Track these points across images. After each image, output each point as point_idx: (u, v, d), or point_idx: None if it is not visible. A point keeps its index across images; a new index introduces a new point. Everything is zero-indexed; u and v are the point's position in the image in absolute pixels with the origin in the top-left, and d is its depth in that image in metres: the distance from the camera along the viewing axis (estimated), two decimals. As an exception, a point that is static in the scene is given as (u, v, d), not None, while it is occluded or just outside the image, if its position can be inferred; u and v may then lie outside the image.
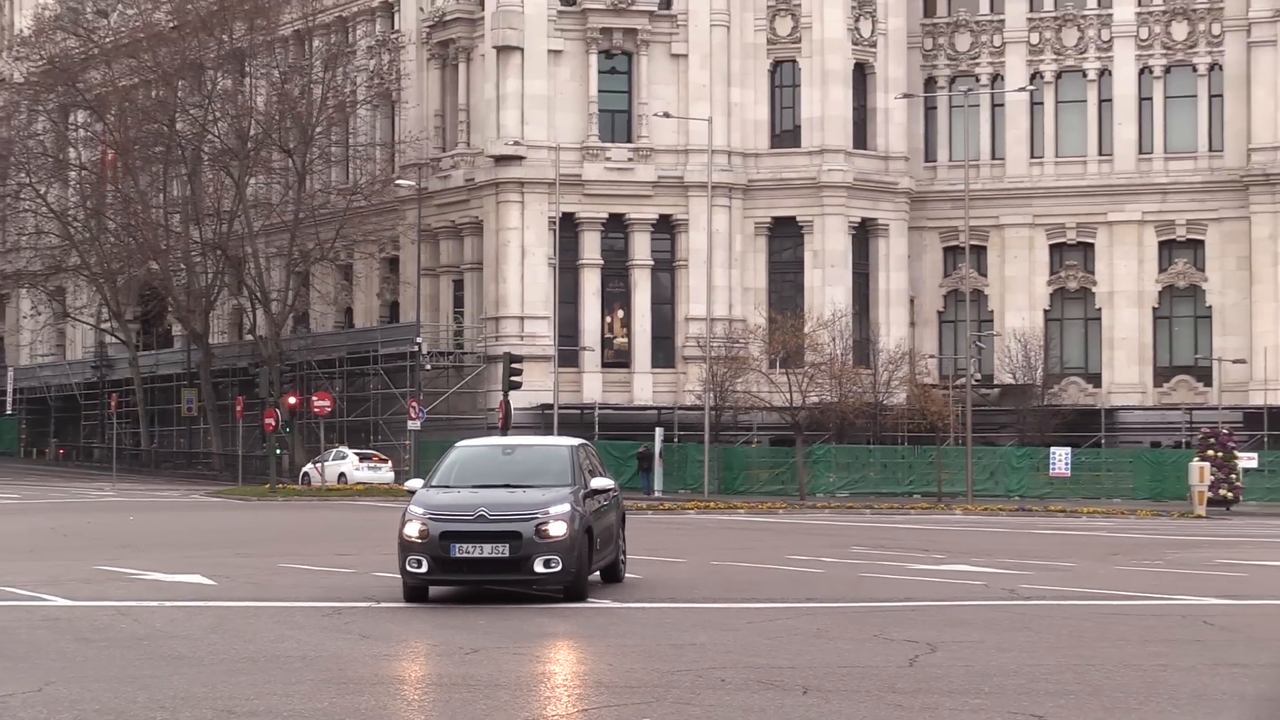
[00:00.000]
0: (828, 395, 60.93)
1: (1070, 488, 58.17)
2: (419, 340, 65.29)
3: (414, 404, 61.56)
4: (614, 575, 22.21)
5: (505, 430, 55.60)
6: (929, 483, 58.53)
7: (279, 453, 63.65)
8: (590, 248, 67.13)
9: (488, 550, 19.29)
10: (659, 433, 61.45)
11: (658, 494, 58.23)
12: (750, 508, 51.41)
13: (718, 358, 62.05)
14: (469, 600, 20.06)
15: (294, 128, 71.36)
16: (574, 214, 66.26)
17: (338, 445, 65.82)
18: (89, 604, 19.65)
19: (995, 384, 67.75)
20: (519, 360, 60.32)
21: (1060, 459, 58.56)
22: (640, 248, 67.48)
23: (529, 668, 14.75)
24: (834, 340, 62.17)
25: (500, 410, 58.51)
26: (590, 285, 67.02)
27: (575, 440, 22.58)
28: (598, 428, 63.29)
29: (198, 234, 75.48)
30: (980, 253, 69.31)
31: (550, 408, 60.45)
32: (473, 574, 19.75)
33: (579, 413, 63.98)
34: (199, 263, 76.27)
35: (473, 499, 19.84)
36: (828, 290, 66.80)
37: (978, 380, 63.85)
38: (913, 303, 70.03)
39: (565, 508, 19.56)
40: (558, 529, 19.31)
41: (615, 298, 67.74)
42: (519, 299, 66.13)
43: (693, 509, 50.39)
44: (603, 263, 67.28)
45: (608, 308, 67.67)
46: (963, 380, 60.86)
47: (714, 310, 64.33)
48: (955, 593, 21.53)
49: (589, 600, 19.84)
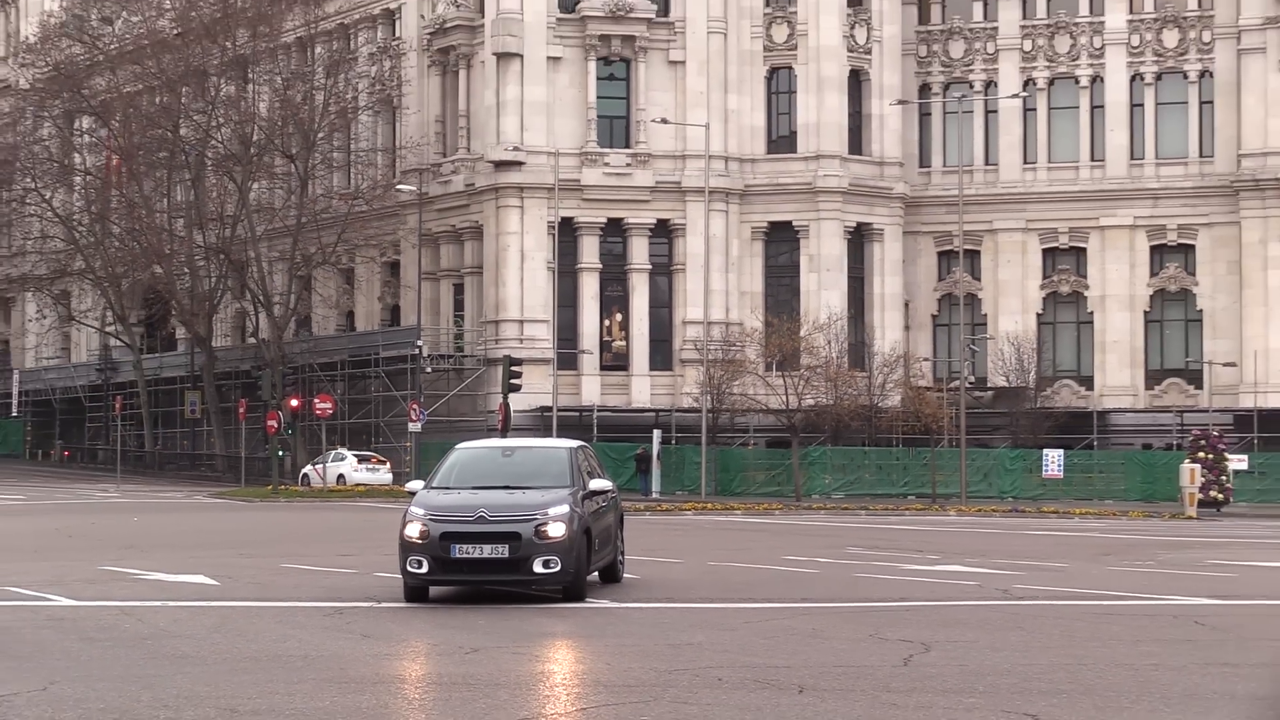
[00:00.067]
0: (823, 398, 61.05)
1: (1063, 489, 58.28)
2: (420, 343, 65.35)
3: (415, 406, 61.53)
4: (612, 575, 22.17)
5: (505, 432, 55.67)
6: (923, 484, 58.60)
7: (281, 454, 63.64)
8: (589, 252, 67.21)
9: (487, 551, 19.28)
10: (657, 435, 61.33)
11: (655, 495, 58.09)
12: (747, 509, 51.35)
13: (715, 361, 62.13)
14: (469, 600, 20.03)
15: (296, 133, 71.41)
16: (573, 219, 66.37)
17: (337, 447, 65.73)
18: (93, 604, 19.63)
19: (989, 387, 67.78)
20: (518, 363, 60.38)
21: (1053, 461, 58.56)
22: (638, 252, 67.54)
23: (528, 667, 14.76)
24: (830, 343, 62.27)
25: (500, 412, 58.54)
26: (589, 289, 67.09)
27: (574, 442, 22.61)
28: (596, 430, 63.35)
29: (201, 238, 75.42)
30: (974, 257, 69.34)
31: (549, 410, 60.45)
32: (473, 574, 19.72)
33: (578, 415, 63.99)
34: (202, 267, 76.18)
35: (473, 500, 19.83)
36: (823, 294, 66.80)
37: (971, 383, 64.06)
38: (907, 306, 70.02)
39: (564, 509, 19.55)
40: (556, 530, 19.30)
41: (613, 301, 67.81)
42: (518, 303, 66.22)
43: (690, 510, 50.42)
44: (601, 267, 67.37)
45: (606, 311, 67.73)
46: (957, 383, 61.10)
47: (711, 314, 64.60)
48: (949, 593, 21.52)
49: (587, 600, 19.83)
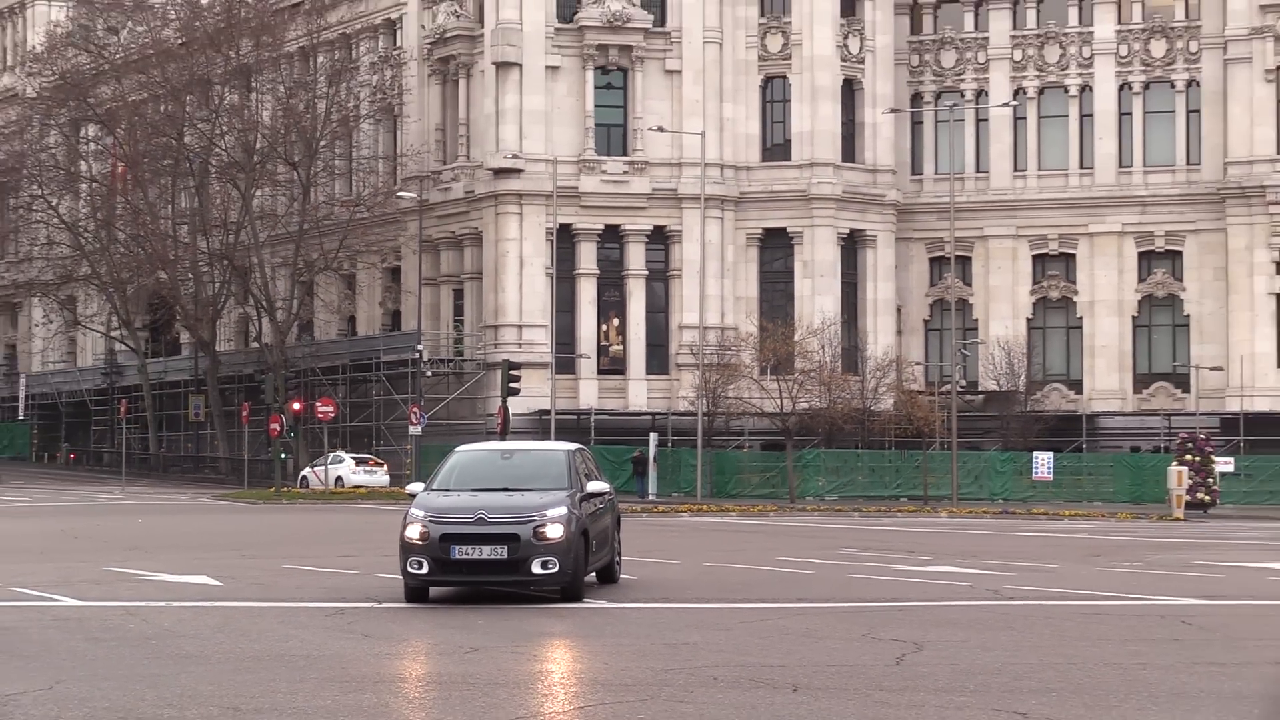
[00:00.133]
0: (817, 401, 61.45)
1: (1052, 491, 58.43)
2: (420, 348, 65.75)
3: (415, 409, 61.82)
4: (609, 576, 22.26)
5: (504, 435, 55.99)
6: (915, 486, 58.66)
7: (284, 457, 63.80)
8: (586, 258, 67.64)
9: (487, 552, 19.41)
10: (653, 438, 61.36)
11: (652, 497, 58.05)
12: (742, 510, 51.46)
13: (710, 365, 62.38)
14: (468, 601, 20.12)
15: (299, 141, 71.87)
16: (571, 225, 66.82)
17: (335, 450, 65.85)
18: (99, 604, 19.71)
19: (980, 390, 67.98)
20: (517, 367, 60.78)
21: (1043, 463, 58.81)
22: (635, 258, 67.98)
23: (527, 666, 14.84)
24: (823, 348, 62.66)
25: (499, 416, 58.91)
26: (586, 294, 67.53)
27: (572, 445, 22.74)
28: (594, 433, 63.81)
29: (205, 244, 75.69)
30: (965, 263, 69.72)
31: (548, 413, 60.84)
32: (472, 575, 19.86)
33: (575, 418, 64.33)
34: (206, 272, 76.51)
35: (472, 502, 19.95)
36: (817, 299, 67.27)
37: (963, 387, 64.19)
38: (900, 311, 70.42)
39: (562, 511, 19.68)
40: (555, 531, 19.42)
41: (611, 306, 68.24)
42: (517, 308, 66.65)
43: (686, 512, 50.51)
44: (599, 272, 67.76)
45: (603, 316, 68.16)
46: (948, 387, 61.01)
47: (707, 319, 64.92)
48: (941, 593, 21.58)
49: (585, 600, 19.96)
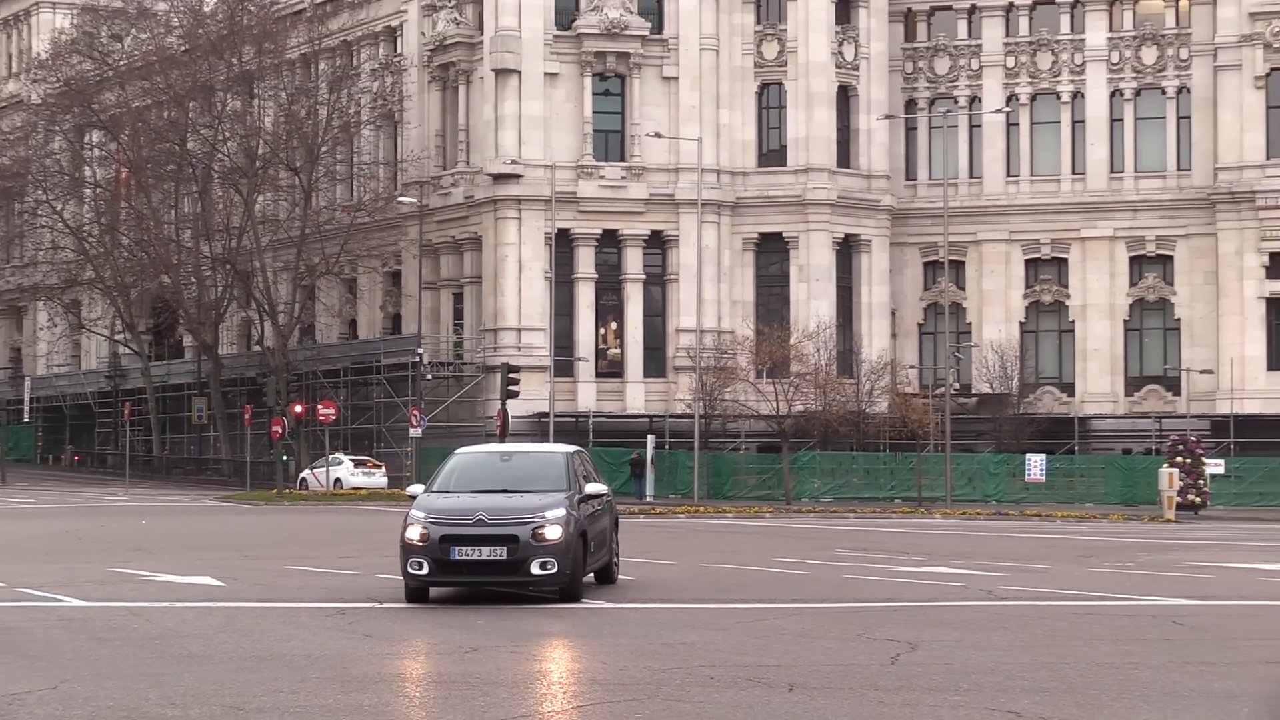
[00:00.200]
0: (813, 404, 61.81)
1: (1045, 493, 58.96)
2: (420, 351, 66.04)
3: (415, 412, 62.09)
4: (607, 577, 22.32)
5: (503, 437, 56.25)
6: (909, 488, 58.97)
7: (285, 459, 63.90)
8: (585, 262, 68.11)
9: (486, 553, 19.50)
10: (650, 440, 61.87)
11: (649, 499, 58.54)
12: (738, 512, 51.68)
13: (707, 368, 62.85)
14: (468, 601, 20.16)
15: (300, 147, 72.19)
16: (569, 230, 67.28)
17: (334, 452, 66.10)
18: (103, 605, 19.74)
19: (973, 393, 68.33)
20: (516, 370, 61.22)
21: (1035, 465, 59.17)
22: (633, 262, 68.49)
23: (526, 666, 14.87)
24: (818, 351, 63.18)
25: (498, 418, 59.20)
26: (585, 298, 67.97)
27: (570, 447, 22.82)
28: (592, 435, 64.02)
29: (208, 249, 76.09)
30: (959, 267, 70.14)
31: (546, 416, 61.23)
32: (472, 576, 19.93)
33: (574, 420, 64.78)
34: (209, 277, 76.94)
35: (472, 504, 20.03)
36: (812, 303, 67.75)
37: (956, 390, 64.75)
38: (894, 315, 70.79)
39: (560, 512, 19.76)
40: (553, 532, 19.51)
41: (609, 310, 68.68)
42: (516, 311, 67.10)
43: (683, 513, 50.68)
44: (597, 277, 68.20)
45: (601, 320, 68.62)
46: (942, 390, 61.55)
47: (703, 322, 65.25)
48: (935, 594, 21.65)
49: (583, 601, 20.00)
